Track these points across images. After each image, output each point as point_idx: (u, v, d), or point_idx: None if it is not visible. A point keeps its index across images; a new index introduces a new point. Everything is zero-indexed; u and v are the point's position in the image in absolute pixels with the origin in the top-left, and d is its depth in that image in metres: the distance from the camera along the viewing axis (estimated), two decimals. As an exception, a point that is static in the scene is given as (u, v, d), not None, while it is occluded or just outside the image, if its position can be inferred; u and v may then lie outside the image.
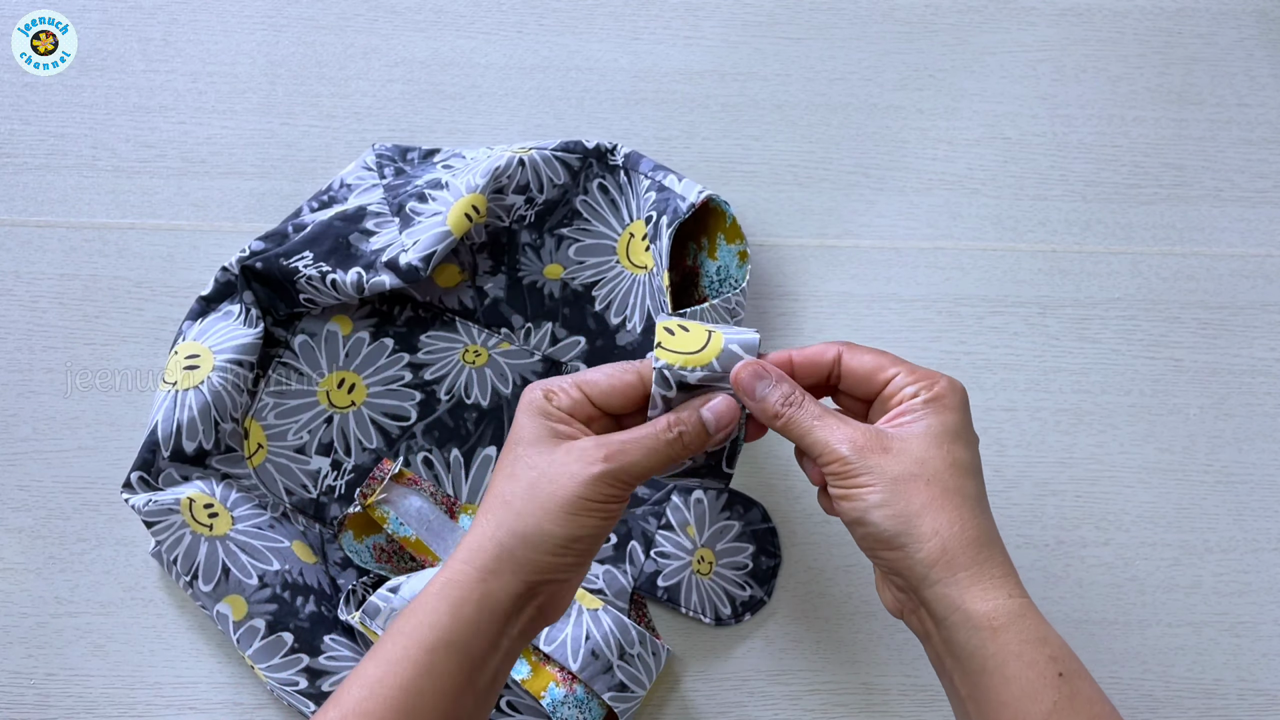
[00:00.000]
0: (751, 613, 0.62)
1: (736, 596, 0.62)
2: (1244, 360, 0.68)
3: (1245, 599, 0.64)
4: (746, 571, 0.63)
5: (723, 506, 0.63)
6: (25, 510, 0.62)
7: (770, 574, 0.63)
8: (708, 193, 0.62)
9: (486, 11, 0.71)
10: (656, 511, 0.62)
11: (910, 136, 0.70)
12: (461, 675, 0.44)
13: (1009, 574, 0.45)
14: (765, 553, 0.63)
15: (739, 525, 0.63)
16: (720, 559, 0.62)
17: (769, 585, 0.63)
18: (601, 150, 0.65)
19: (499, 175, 0.62)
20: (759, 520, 0.63)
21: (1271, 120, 0.71)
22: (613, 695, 0.57)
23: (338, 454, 0.62)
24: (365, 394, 0.63)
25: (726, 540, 0.62)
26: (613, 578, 0.61)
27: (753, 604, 0.62)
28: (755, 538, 0.63)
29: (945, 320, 0.67)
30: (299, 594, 0.58)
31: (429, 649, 0.44)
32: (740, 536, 0.63)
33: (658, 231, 0.62)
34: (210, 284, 0.62)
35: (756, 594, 0.62)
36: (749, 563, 0.63)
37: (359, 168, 0.66)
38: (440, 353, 0.64)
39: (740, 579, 0.62)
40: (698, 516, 0.62)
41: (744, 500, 0.63)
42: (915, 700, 0.62)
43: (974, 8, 0.72)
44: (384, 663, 0.44)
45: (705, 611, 0.62)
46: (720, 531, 0.62)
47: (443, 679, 0.44)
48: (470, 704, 0.45)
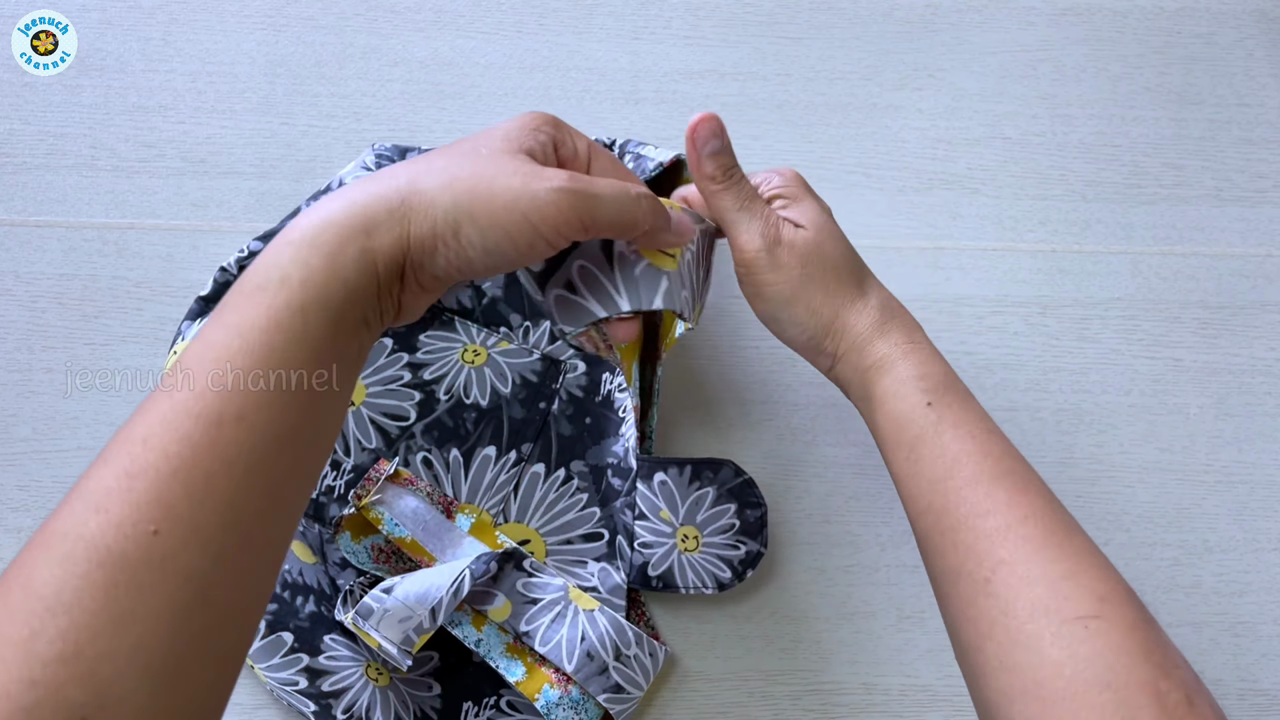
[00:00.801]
0: (752, 568, 0.61)
1: (732, 558, 0.61)
2: (1244, 360, 0.68)
3: (1245, 599, 0.64)
4: (735, 531, 0.61)
5: (689, 479, 0.62)
6: (25, 510, 0.62)
7: (759, 524, 0.61)
8: (677, 153, 0.61)
9: (486, 11, 0.71)
10: (630, 502, 0.62)
11: (910, 136, 0.70)
12: (334, 340, 0.37)
13: (889, 324, 0.50)
14: (748, 505, 0.62)
15: (713, 490, 0.61)
16: (705, 529, 0.61)
17: (761, 535, 0.61)
18: (601, 146, 0.65)
19: None
20: (732, 477, 0.62)
21: (1271, 120, 0.71)
22: (608, 697, 0.57)
23: (336, 454, 0.62)
24: (364, 394, 0.63)
25: (705, 509, 0.61)
26: (607, 575, 0.61)
27: (750, 559, 0.61)
28: (734, 494, 0.62)
29: (945, 320, 0.67)
30: (299, 594, 0.58)
31: (299, 310, 0.36)
32: (718, 500, 0.61)
33: None
34: (209, 284, 0.62)
35: (751, 548, 0.61)
36: (735, 521, 0.61)
37: (358, 167, 0.66)
38: (439, 352, 0.64)
39: (731, 540, 0.61)
40: (666, 498, 0.61)
41: (710, 464, 0.62)
42: (915, 700, 0.62)
43: (974, 8, 0.72)
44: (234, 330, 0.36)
45: (705, 583, 0.61)
46: (695, 504, 0.62)
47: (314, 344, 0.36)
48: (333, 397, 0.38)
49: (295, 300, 0.36)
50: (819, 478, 0.65)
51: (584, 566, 0.61)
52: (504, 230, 0.39)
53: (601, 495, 0.62)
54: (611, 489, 0.62)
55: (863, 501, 0.65)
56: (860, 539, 0.64)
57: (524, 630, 0.58)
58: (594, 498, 0.62)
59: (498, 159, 0.40)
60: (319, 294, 0.36)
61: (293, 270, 0.36)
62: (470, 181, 0.39)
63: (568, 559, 0.61)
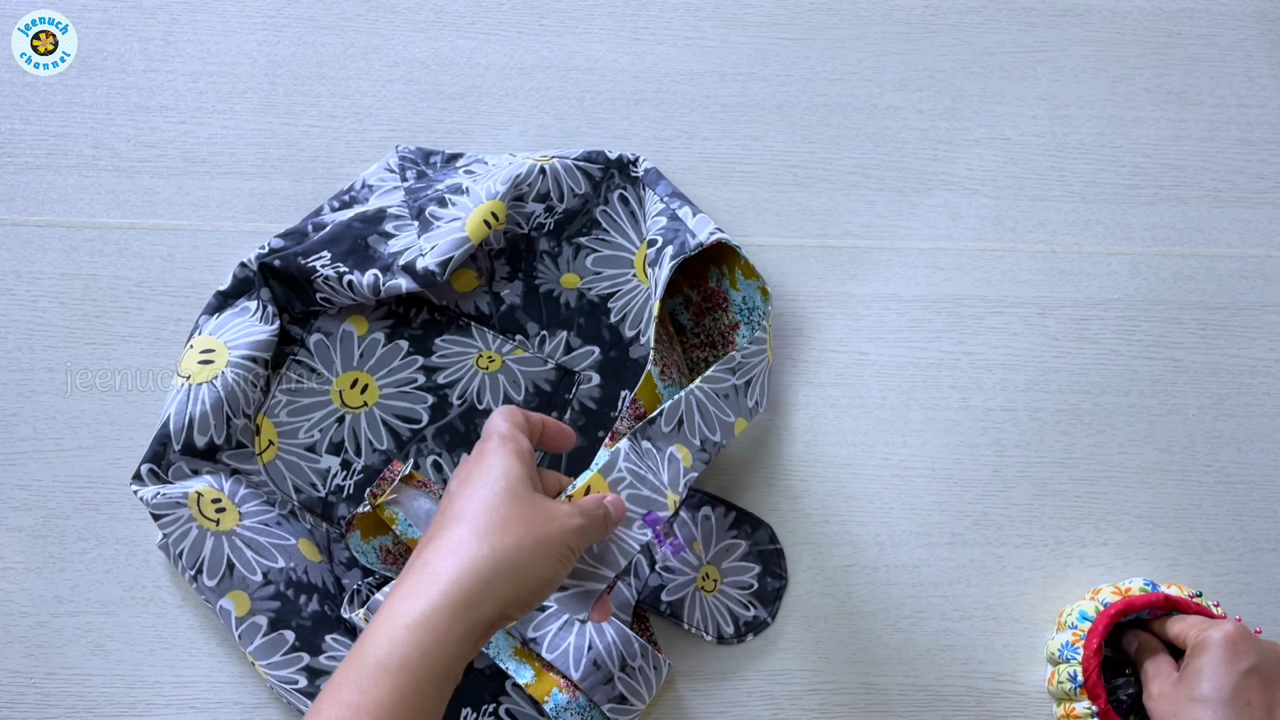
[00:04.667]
0: (754, 633, 0.62)
1: (740, 616, 0.62)
2: (1244, 360, 0.68)
3: (1245, 599, 0.64)
4: (751, 592, 0.62)
5: (730, 525, 0.63)
6: (25, 510, 0.62)
7: (775, 596, 0.63)
8: (720, 235, 0.61)
9: (487, 11, 0.71)
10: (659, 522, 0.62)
11: (910, 137, 0.70)
12: (439, 702, 0.45)
13: None
14: (771, 574, 0.63)
15: (745, 544, 0.63)
16: (725, 577, 0.62)
17: (773, 607, 0.63)
18: (624, 161, 0.65)
19: (519, 183, 0.62)
20: (766, 541, 0.63)
21: (1271, 120, 0.72)
22: (612, 707, 0.57)
23: (348, 454, 0.62)
24: (378, 395, 0.63)
25: (732, 559, 0.62)
26: (616, 590, 0.61)
27: (755, 625, 0.62)
28: (762, 558, 0.63)
29: (945, 320, 0.68)
30: (303, 592, 0.58)
31: (416, 687, 0.43)
32: (747, 556, 0.63)
33: (660, 258, 0.61)
34: (228, 279, 0.62)
35: (760, 615, 0.62)
36: (754, 583, 0.63)
37: (381, 169, 0.66)
38: (454, 357, 0.64)
39: (745, 599, 0.62)
40: (704, 533, 0.62)
41: (752, 520, 0.63)
42: (915, 700, 0.62)
43: (974, 8, 0.73)
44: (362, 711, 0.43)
45: (708, 629, 0.62)
46: (726, 549, 0.62)
47: (426, 714, 0.44)
48: None
49: (413, 679, 0.43)
50: (819, 478, 0.65)
51: None
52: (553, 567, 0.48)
53: None
54: None
55: (862, 501, 0.65)
56: (860, 539, 0.64)
57: (531, 636, 0.58)
58: None
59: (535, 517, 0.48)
60: (431, 669, 0.44)
61: (411, 652, 0.43)
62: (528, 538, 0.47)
63: None
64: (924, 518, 0.65)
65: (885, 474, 0.65)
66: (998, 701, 0.62)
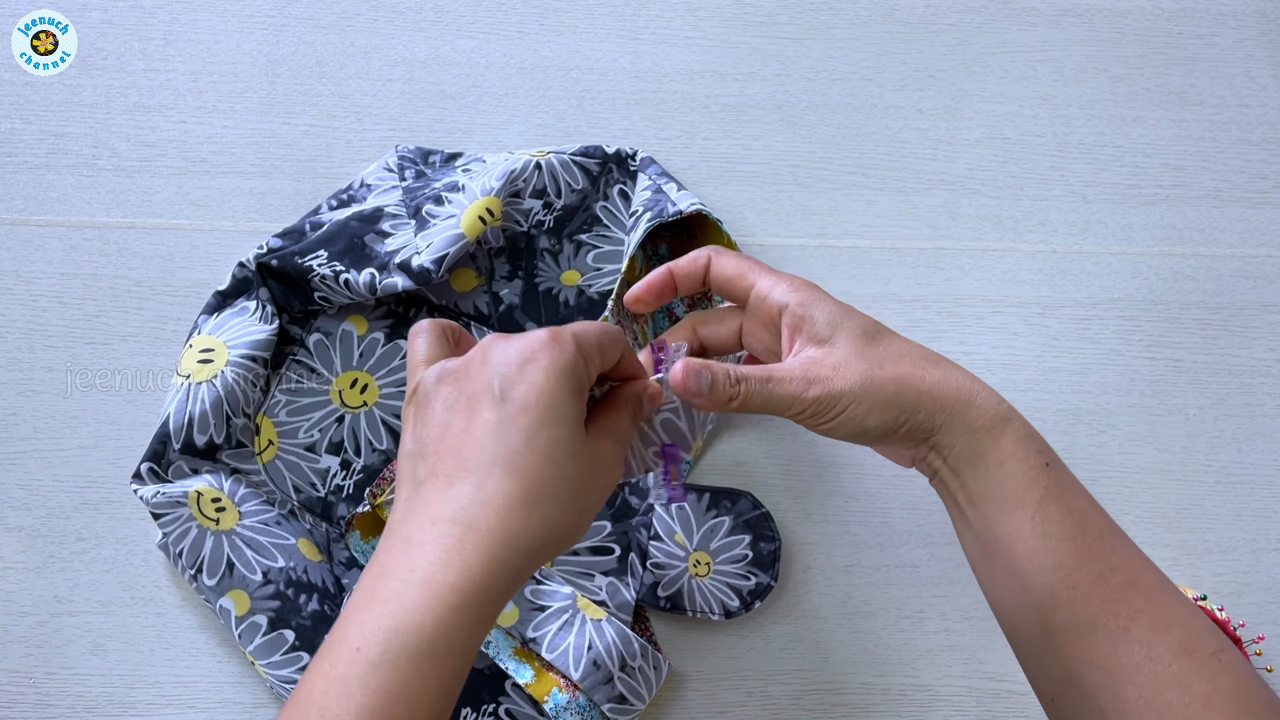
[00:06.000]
0: (760, 599, 0.62)
1: (742, 588, 0.62)
2: (1244, 360, 0.68)
3: (1245, 599, 0.64)
4: (748, 562, 0.62)
5: (707, 507, 0.62)
6: (25, 510, 0.62)
7: (772, 558, 0.62)
8: (699, 205, 0.62)
9: (487, 11, 0.71)
10: (645, 522, 0.62)
11: (910, 136, 0.70)
12: (460, 679, 0.42)
13: (984, 389, 0.50)
14: (763, 539, 0.62)
15: (729, 519, 0.62)
16: (717, 557, 0.62)
17: (773, 570, 0.62)
18: (622, 156, 0.65)
19: (514, 178, 0.62)
20: (750, 509, 0.62)
21: (1271, 120, 0.72)
22: (612, 707, 0.57)
23: (347, 454, 0.62)
24: (377, 395, 0.63)
25: (720, 538, 0.62)
26: (615, 590, 0.61)
27: (760, 591, 0.62)
28: (749, 526, 0.62)
29: (945, 320, 0.68)
30: (303, 591, 0.58)
31: (457, 673, 0.41)
32: (733, 530, 0.62)
33: (636, 223, 0.62)
34: (227, 279, 0.62)
35: (762, 580, 0.62)
36: (748, 552, 0.62)
37: (380, 168, 0.66)
38: None
39: (743, 570, 0.62)
40: (683, 523, 0.62)
41: (730, 494, 0.63)
42: (915, 700, 0.62)
43: (974, 8, 0.73)
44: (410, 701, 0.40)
45: (713, 609, 0.61)
46: (710, 531, 0.62)
47: (451, 694, 0.42)
48: None
49: (458, 666, 0.41)
50: (819, 478, 0.65)
51: (591, 580, 0.61)
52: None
53: (615, 510, 0.62)
54: (628, 505, 0.62)
55: (862, 501, 0.65)
56: (860, 539, 0.64)
57: (531, 636, 0.58)
58: (605, 512, 0.62)
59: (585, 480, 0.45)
60: (474, 652, 0.42)
61: (458, 636, 0.41)
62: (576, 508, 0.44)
63: (573, 570, 0.61)
64: (924, 518, 0.65)
65: (885, 474, 0.65)
66: (998, 701, 0.62)
